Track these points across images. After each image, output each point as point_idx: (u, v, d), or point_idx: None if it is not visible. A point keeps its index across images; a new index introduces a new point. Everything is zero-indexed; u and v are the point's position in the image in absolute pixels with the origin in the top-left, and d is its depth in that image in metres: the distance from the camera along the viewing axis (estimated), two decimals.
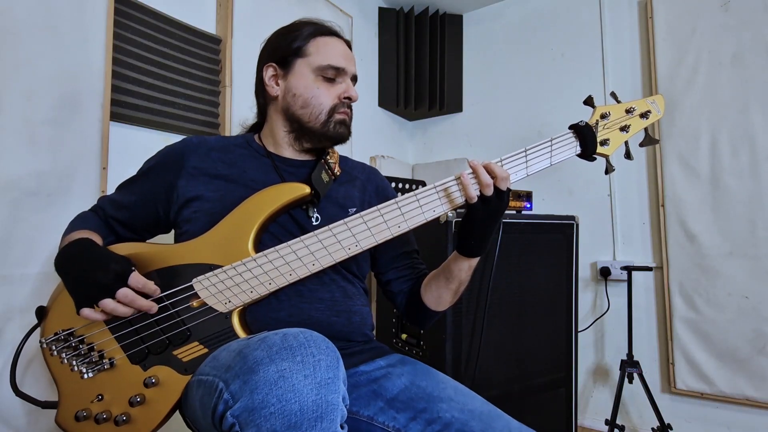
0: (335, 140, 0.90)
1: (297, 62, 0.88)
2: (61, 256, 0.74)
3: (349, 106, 0.90)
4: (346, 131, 0.90)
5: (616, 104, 0.86)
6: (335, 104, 0.88)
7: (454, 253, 0.86)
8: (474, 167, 0.76)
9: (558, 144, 0.82)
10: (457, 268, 0.86)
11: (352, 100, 0.90)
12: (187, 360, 0.72)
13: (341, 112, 0.88)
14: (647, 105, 0.86)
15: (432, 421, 0.73)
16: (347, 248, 0.76)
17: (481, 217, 0.79)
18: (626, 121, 0.85)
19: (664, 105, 0.87)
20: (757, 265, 1.72)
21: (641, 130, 0.87)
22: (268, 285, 0.74)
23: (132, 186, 0.89)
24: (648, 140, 0.88)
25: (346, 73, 0.89)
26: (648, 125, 0.86)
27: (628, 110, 0.85)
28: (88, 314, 0.69)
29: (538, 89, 2.32)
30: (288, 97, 0.88)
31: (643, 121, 0.86)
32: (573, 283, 1.71)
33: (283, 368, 0.53)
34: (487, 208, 0.78)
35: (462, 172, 0.77)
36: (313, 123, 0.87)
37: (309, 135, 0.89)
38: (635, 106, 0.85)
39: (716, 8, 1.84)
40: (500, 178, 0.76)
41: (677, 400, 1.90)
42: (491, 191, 0.76)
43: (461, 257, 0.85)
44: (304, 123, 0.88)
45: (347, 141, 0.92)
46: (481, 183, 0.76)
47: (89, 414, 0.72)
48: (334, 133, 0.88)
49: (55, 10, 1.14)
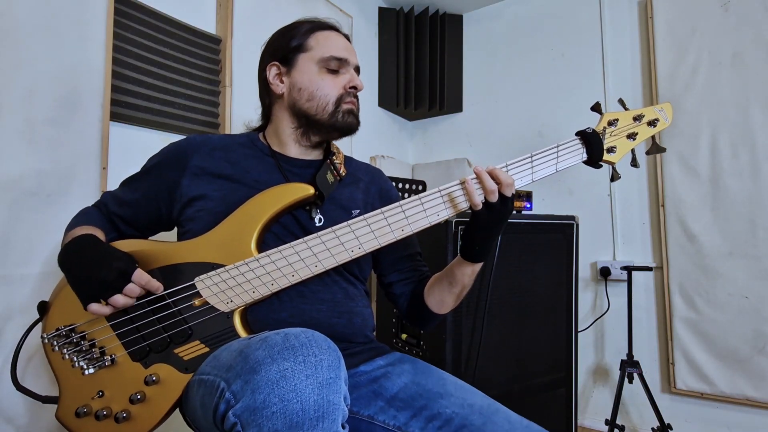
0: (344, 130, 0.89)
1: (299, 57, 0.88)
2: (65, 252, 0.73)
3: (355, 96, 0.90)
4: (354, 121, 0.90)
5: (623, 111, 0.85)
6: (341, 94, 0.87)
7: (458, 258, 0.85)
8: (478, 173, 0.75)
9: (564, 150, 0.81)
10: (461, 272, 0.86)
11: (357, 89, 0.89)
12: (188, 359, 0.72)
13: (348, 101, 0.88)
14: (655, 113, 0.84)
15: (433, 418, 0.73)
16: (350, 250, 0.76)
17: (485, 223, 0.78)
18: (634, 129, 0.84)
19: (672, 113, 0.85)
20: (757, 265, 1.72)
21: (648, 138, 0.85)
22: (270, 285, 0.74)
23: (135, 183, 0.89)
24: (655, 148, 0.87)
25: (349, 64, 0.89)
26: (655, 133, 0.85)
27: (635, 117, 0.84)
28: (96, 309, 0.69)
29: (538, 89, 2.32)
30: (294, 93, 0.88)
31: (650, 129, 0.84)
32: (573, 283, 1.71)
33: (284, 368, 0.53)
34: (491, 214, 0.77)
35: (466, 178, 0.76)
36: (321, 115, 0.87)
37: (317, 128, 0.89)
38: (643, 113, 0.84)
39: (716, 8, 1.84)
40: (505, 185, 0.75)
41: (677, 400, 1.90)
42: (496, 197, 0.75)
43: (465, 262, 0.84)
44: (312, 116, 0.87)
45: (356, 131, 0.91)
46: (486, 189, 0.75)
47: (90, 410, 0.72)
48: (343, 123, 0.88)
49: (55, 10, 1.14)
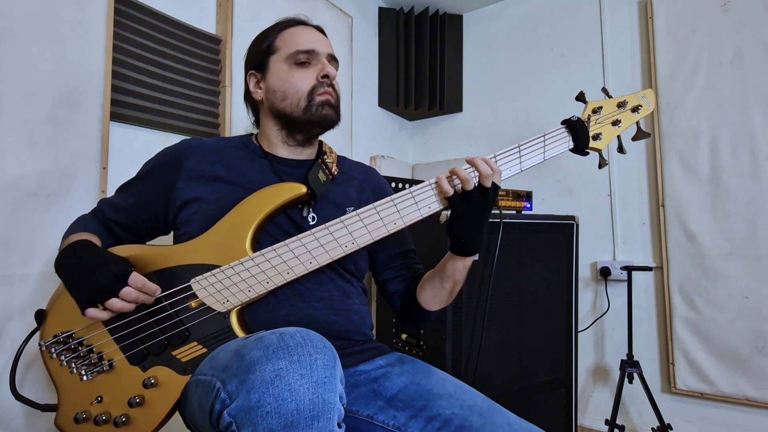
0: (322, 124, 0.88)
1: (270, 60, 0.88)
2: (61, 258, 0.74)
3: (330, 85, 0.88)
4: (331, 112, 0.87)
5: (607, 99, 0.88)
6: (314, 86, 0.86)
7: (449, 254, 0.86)
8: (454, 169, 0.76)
9: (551, 139, 0.83)
10: (452, 267, 0.86)
11: (329, 77, 0.87)
12: (186, 360, 0.73)
13: (321, 93, 0.86)
14: (638, 99, 0.87)
15: (432, 419, 0.73)
16: (344, 246, 0.77)
17: (462, 212, 0.78)
18: (618, 116, 0.87)
19: (655, 99, 0.89)
20: (757, 265, 1.72)
21: (633, 125, 0.88)
22: (266, 284, 0.75)
23: (130, 189, 0.89)
24: (640, 134, 0.89)
25: (318, 54, 0.87)
26: (639, 119, 0.87)
27: (619, 104, 0.87)
28: (94, 314, 0.69)
29: (538, 89, 2.32)
30: (270, 96, 0.88)
31: (634, 115, 0.87)
32: (573, 283, 1.71)
33: (279, 367, 0.53)
34: (468, 203, 0.77)
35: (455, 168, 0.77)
36: (296, 111, 0.86)
37: (297, 126, 0.88)
38: (626, 100, 0.87)
39: (716, 8, 1.84)
40: (484, 175, 0.76)
41: (677, 400, 1.90)
42: (470, 186, 0.76)
43: (455, 257, 0.85)
44: (288, 114, 0.87)
45: (337, 124, 0.89)
46: (460, 178, 0.76)
47: (89, 416, 0.72)
48: (318, 116, 0.86)
49: (55, 10, 1.14)
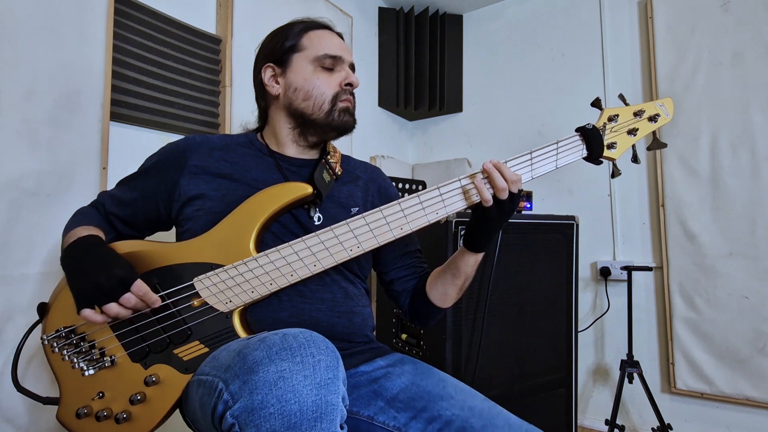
0: (341, 129, 0.89)
1: (294, 57, 0.88)
2: (68, 253, 0.73)
3: (351, 93, 0.89)
4: (350, 119, 0.89)
5: (624, 107, 0.84)
6: (337, 92, 0.87)
7: (461, 249, 0.86)
8: (489, 171, 0.76)
9: (564, 147, 0.81)
10: (464, 263, 0.86)
11: (353, 85, 0.89)
12: (188, 359, 0.72)
13: (344, 99, 0.88)
14: (656, 108, 0.83)
15: (432, 420, 0.73)
16: (349, 249, 0.76)
17: (492, 218, 0.79)
18: (634, 125, 0.83)
19: (673, 108, 0.84)
20: (757, 265, 1.72)
21: (649, 134, 0.84)
22: (269, 285, 0.74)
23: (133, 182, 0.88)
24: (656, 144, 0.86)
25: (343, 62, 0.89)
26: (656, 129, 0.84)
27: (636, 113, 0.83)
28: (88, 315, 0.69)
29: (538, 89, 2.32)
30: (289, 93, 0.88)
31: (651, 124, 0.83)
32: (573, 283, 1.71)
33: (282, 369, 0.53)
34: (500, 209, 0.78)
35: (475, 174, 0.77)
36: (317, 114, 0.86)
37: (314, 127, 0.88)
38: (644, 108, 0.83)
39: (716, 8, 1.84)
40: (511, 182, 0.76)
41: (677, 400, 1.90)
42: (506, 195, 0.76)
43: (468, 252, 0.85)
44: (308, 115, 0.87)
45: (353, 130, 0.91)
46: (496, 187, 0.75)
47: (90, 411, 0.72)
48: (339, 122, 0.87)
49: (55, 10, 1.14)
